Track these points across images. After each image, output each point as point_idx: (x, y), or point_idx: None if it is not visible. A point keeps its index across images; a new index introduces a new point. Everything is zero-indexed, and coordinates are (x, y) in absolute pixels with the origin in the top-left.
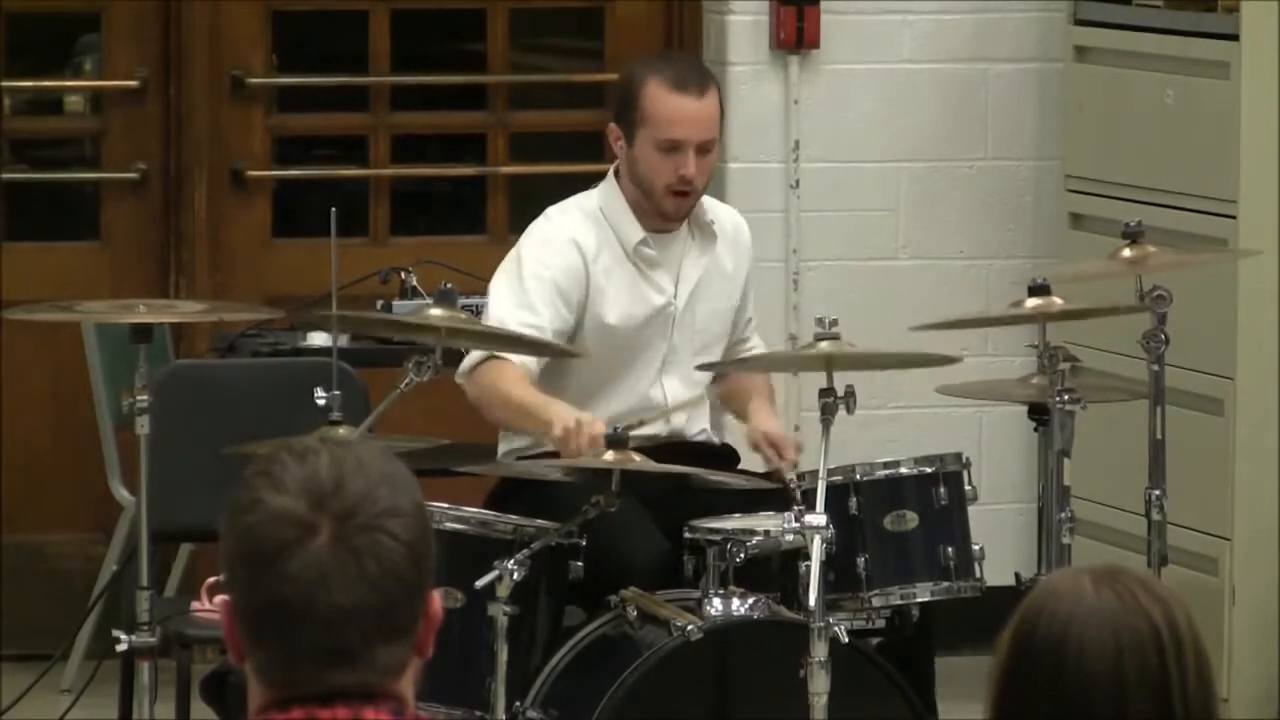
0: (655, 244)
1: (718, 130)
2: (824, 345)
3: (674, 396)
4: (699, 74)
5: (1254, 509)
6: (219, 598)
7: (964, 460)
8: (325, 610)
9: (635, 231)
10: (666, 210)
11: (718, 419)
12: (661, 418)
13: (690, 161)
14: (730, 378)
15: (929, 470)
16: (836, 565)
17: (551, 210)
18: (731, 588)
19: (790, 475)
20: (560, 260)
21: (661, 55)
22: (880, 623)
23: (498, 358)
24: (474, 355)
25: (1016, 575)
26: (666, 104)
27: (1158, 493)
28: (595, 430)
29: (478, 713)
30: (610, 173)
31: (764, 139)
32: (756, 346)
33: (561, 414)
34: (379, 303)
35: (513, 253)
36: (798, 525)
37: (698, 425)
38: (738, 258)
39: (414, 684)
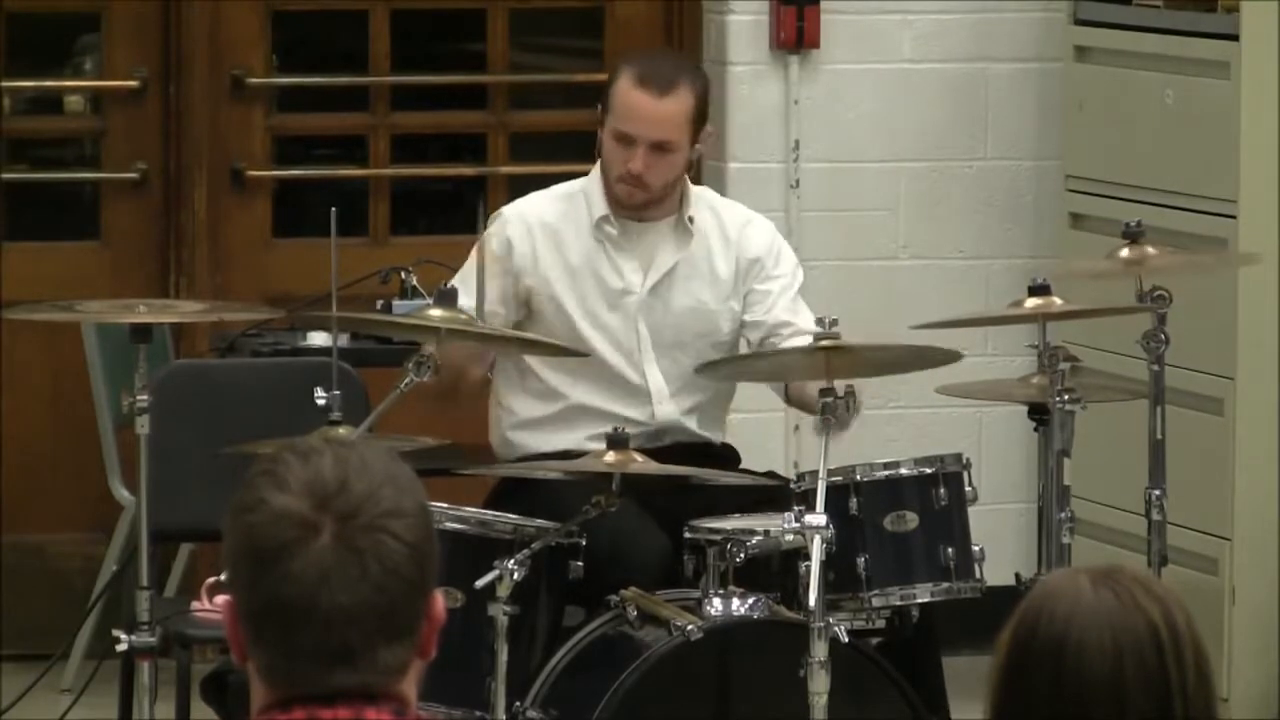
0: (624, 228)
1: (681, 134)
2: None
3: (657, 385)
4: (669, 74)
5: (1254, 509)
6: (221, 597)
7: (964, 460)
8: (327, 610)
9: (601, 209)
10: (618, 197)
11: (720, 418)
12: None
13: (638, 158)
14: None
15: (929, 470)
16: (836, 565)
17: None
18: (731, 588)
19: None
20: (493, 239)
21: (652, 51)
22: (880, 623)
23: None
24: None
25: (1016, 575)
26: (626, 97)
27: (1158, 493)
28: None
29: (478, 713)
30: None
31: (764, 139)
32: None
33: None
34: (379, 303)
35: None
36: (798, 525)
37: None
38: (735, 260)
39: (416, 685)
